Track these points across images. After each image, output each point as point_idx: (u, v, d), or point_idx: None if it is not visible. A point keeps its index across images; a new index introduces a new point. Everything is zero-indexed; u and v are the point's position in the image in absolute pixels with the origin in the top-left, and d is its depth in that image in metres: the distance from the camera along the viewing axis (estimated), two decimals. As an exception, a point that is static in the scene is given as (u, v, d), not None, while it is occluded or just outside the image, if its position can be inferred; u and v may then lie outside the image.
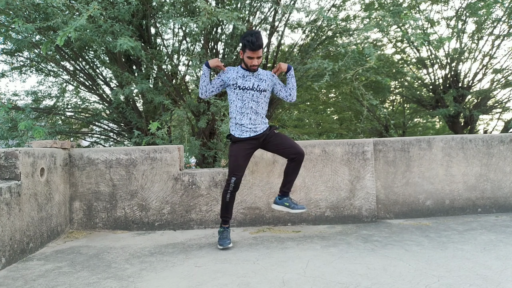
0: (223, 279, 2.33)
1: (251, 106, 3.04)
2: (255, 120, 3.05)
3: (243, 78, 3.06)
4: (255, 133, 3.05)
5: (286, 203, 3.17)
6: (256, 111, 3.05)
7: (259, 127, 3.07)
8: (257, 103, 3.06)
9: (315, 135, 11.77)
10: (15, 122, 5.49)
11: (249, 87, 3.04)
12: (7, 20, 5.11)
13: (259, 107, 3.07)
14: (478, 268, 2.40)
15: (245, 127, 3.05)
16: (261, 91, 3.07)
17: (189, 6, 5.27)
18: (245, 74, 3.07)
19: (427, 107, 10.13)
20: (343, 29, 6.77)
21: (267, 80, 3.11)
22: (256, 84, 3.06)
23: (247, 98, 3.04)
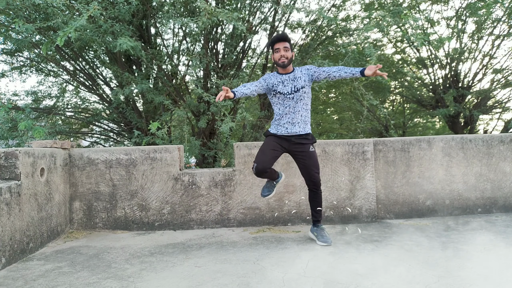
0: (223, 279, 2.33)
1: (289, 105, 3.08)
2: (293, 119, 3.07)
3: (283, 84, 3.09)
4: (287, 132, 3.07)
5: (314, 232, 3.18)
6: (294, 111, 3.07)
7: (296, 126, 3.07)
8: (295, 102, 3.07)
9: (315, 135, 11.77)
10: (15, 122, 5.49)
11: (288, 91, 3.07)
12: (7, 20, 5.11)
13: (297, 105, 3.07)
14: (478, 268, 2.40)
15: (281, 126, 3.10)
16: (299, 89, 3.06)
17: (189, 6, 5.27)
18: (283, 80, 3.10)
19: (427, 107, 10.13)
20: (343, 29, 6.77)
21: (302, 76, 3.09)
22: (293, 85, 3.07)
23: (287, 102, 3.08)
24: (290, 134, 3.08)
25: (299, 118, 3.09)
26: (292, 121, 3.08)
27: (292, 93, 3.06)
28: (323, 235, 3.12)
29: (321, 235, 3.12)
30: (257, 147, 3.77)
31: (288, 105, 3.09)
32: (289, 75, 3.11)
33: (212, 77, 6.11)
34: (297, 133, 3.07)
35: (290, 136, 3.08)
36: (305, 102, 3.11)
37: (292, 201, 3.78)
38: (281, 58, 3.04)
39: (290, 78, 3.09)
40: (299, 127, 3.09)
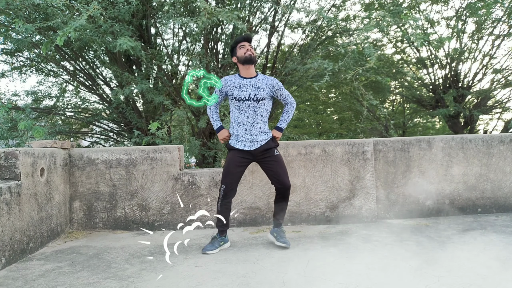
0: (223, 279, 2.33)
1: (247, 116, 2.92)
2: (251, 131, 2.92)
3: (239, 89, 2.93)
4: (249, 148, 2.92)
5: (274, 233, 3.08)
6: (252, 122, 2.92)
7: (256, 138, 2.92)
8: (254, 113, 2.92)
9: (315, 135, 11.77)
10: (15, 122, 5.49)
11: (245, 97, 2.91)
12: (7, 20, 5.11)
13: (256, 116, 2.93)
14: (478, 268, 2.40)
15: (240, 137, 2.94)
16: (259, 100, 2.91)
17: (189, 6, 5.27)
18: (242, 84, 2.94)
19: (427, 107, 10.12)
20: (343, 29, 6.77)
21: (265, 88, 2.94)
22: (253, 93, 2.91)
23: (244, 108, 2.92)
24: (251, 150, 2.92)
25: (258, 130, 2.93)
26: (251, 132, 2.92)
27: (249, 100, 2.90)
28: (283, 236, 3.02)
29: (280, 236, 3.03)
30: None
31: (244, 111, 2.92)
32: (251, 80, 2.95)
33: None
34: (258, 147, 2.92)
35: (251, 151, 2.93)
36: (263, 114, 2.96)
37: (292, 201, 3.78)
38: (247, 51, 2.90)
39: (251, 84, 2.93)
40: (259, 138, 2.94)
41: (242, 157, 2.94)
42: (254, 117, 2.93)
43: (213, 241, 2.98)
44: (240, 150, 2.94)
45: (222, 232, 3.01)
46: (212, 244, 2.94)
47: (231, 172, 2.91)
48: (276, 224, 3.11)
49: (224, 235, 3.02)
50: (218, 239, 2.99)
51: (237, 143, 2.96)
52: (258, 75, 3.01)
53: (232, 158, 2.94)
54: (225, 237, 3.03)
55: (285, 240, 2.99)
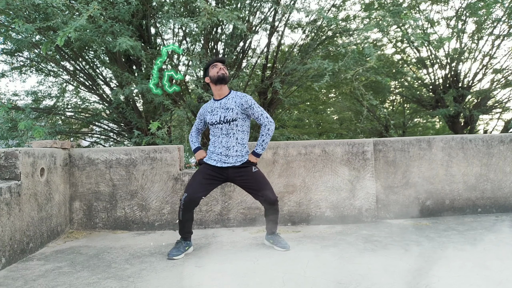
0: (223, 279, 2.33)
1: (221, 141, 2.87)
2: (226, 155, 2.85)
3: (211, 113, 2.91)
4: (221, 164, 2.85)
5: (270, 240, 3.02)
6: (227, 146, 2.85)
7: (230, 159, 2.85)
8: (227, 135, 2.85)
9: (315, 135, 11.77)
10: (15, 122, 5.49)
11: (216, 121, 2.87)
12: (7, 20, 5.11)
13: (230, 139, 2.85)
14: (478, 268, 2.40)
15: (213, 158, 2.89)
16: (230, 122, 2.84)
17: (189, 6, 5.27)
18: (213, 108, 2.91)
19: (427, 107, 10.12)
20: (343, 29, 6.77)
21: (235, 108, 2.85)
22: (223, 115, 2.85)
23: (217, 133, 2.88)
24: (223, 166, 2.85)
25: (233, 153, 2.85)
26: (226, 153, 2.85)
27: (220, 123, 2.85)
28: (280, 241, 2.96)
29: (278, 241, 2.97)
30: (257, 147, 3.77)
31: (217, 136, 2.88)
32: (221, 101, 2.90)
33: None
34: (230, 165, 2.85)
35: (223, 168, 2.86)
36: (239, 136, 2.87)
37: (292, 201, 3.78)
38: (219, 70, 2.86)
39: (221, 106, 2.88)
40: (235, 160, 2.86)
41: (212, 171, 2.86)
42: (228, 140, 2.86)
43: (178, 246, 2.88)
44: (211, 165, 2.87)
45: (186, 238, 2.92)
46: (177, 249, 2.84)
47: (196, 182, 2.82)
48: (270, 233, 3.06)
49: (188, 240, 2.93)
50: (183, 244, 2.89)
51: (209, 160, 2.90)
52: (230, 93, 2.94)
53: (201, 170, 2.89)
54: (189, 241, 2.94)
55: (283, 244, 2.94)
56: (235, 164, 2.86)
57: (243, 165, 2.87)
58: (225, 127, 2.85)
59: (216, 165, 2.86)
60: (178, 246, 2.88)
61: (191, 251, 2.94)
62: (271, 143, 3.81)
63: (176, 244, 2.91)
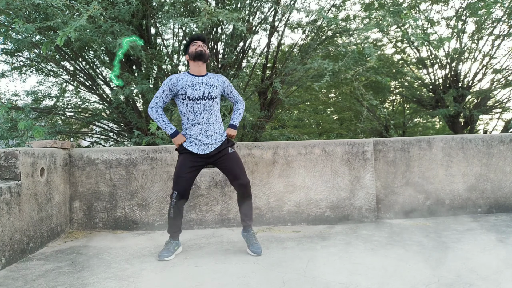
0: (223, 279, 2.33)
1: (202, 116, 2.78)
2: (206, 131, 2.78)
3: (192, 87, 2.77)
4: (203, 151, 2.78)
5: (245, 238, 2.93)
6: (208, 122, 2.79)
7: (210, 139, 2.79)
8: (209, 112, 2.79)
9: (315, 135, 11.77)
10: (15, 122, 5.49)
11: (199, 96, 2.76)
12: (7, 20, 5.11)
13: (211, 116, 2.80)
14: (478, 268, 2.40)
15: (193, 138, 2.79)
16: (213, 99, 2.80)
17: (189, 6, 5.27)
18: (194, 82, 2.79)
19: (427, 107, 10.12)
20: (343, 29, 6.77)
21: (218, 86, 2.85)
22: (207, 91, 2.78)
23: (199, 109, 2.77)
24: (205, 154, 2.78)
25: (213, 131, 2.80)
26: (206, 133, 2.78)
27: (204, 99, 2.76)
28: (253, 243, 2.85)
29: (250, 242, 2.86)
30: (257, 147, 3.77)
31: (198, 113, 2.77)
32: (202, 78, 2.83)
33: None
34: (212, 150, 2.79)
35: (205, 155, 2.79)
36: (217, 114, 2.86)
37: (292, 201, 3.78)
38: (198, 47, 2.78)
39: (204, 82, 2.81)
40: (214, 140, 2.80)
41: (194, 161, 2.79)
42: (209, 116, 2.80)
43: (168, 247, 2.84)
44: (193, 154, 2.79)
45: (175, 237, 2.90)
46: (168, 250, 2.80)
47: (183, 178, 2.77)
48: (244, 227, 2.93)
49: (177, 239, 2.91)
50: (172, 244, 2.86)
51: (190, 145, 2.80)
52: (208, 74, 2.90)
53: (183, 163, 2.79)
54: (178, 240, 2.92)
55: (256, 247, 2.81)
56: (216, 146, 2.80)
57: (222, 146, 2.84)
58: (208, 103, 2.77)
59: (198, 152, 2.78)
60: (168, 247, 2.84)
61: (180, 251, 2.93)
62: (271, 143, 3.81)
63: (166, 244, 2.87)
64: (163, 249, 2.83)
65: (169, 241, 2.89)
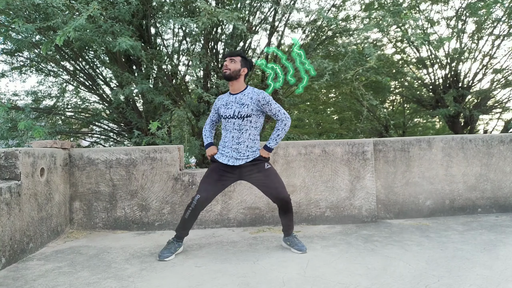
0: (223, 279, 2.33)
1: (232, 136, 2.80)
2: (237, 150, 2.78)
3: (225, 106, 2.84)
4: (233, 163, 2.78)
5: (287, 242, 2.95)
6: (238, 141, 2.78)
7: (242, 156, 2.78)
8: (239, 131, 2.78)
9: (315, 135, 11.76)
10: (15, 122, 5.49)
11: (230, 115, 2.80)
12: (7, 20, 5.11)
13: (242, 136, 2.78)
14: (478, 268, 2.40)
15: (224, 155, 2.83)
16: (243, 118, 2.76)
17: (189, 6, 5.27)
18: (228, 101, 2.85)
19: (427, 107, 10.12)
20: (343, 29, 6.77)
21: (250, 104, 2.77)
22: (237, 110, 2.78)
23: (230, 127, 2.81)
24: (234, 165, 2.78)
25: (244, 149, 2.79)
26: (237, 151, 2.78)
27: (234, 118, 2.78)
28: (297, 243, 2.90)
29: (294, 243, 2.91)
30: (257, 147, 3.77)
31: (229, 131, 2.80)
32: (236, 96, 2.83)
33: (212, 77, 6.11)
34: (242, 163, 2.78)
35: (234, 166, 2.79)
36: (252, 132, 2.81)
37: (292, 201, 3.78)
38: (224, 68, 2.80)
39: (236, 100, 2.81)
40: (245, 155, 2.79)
41: (224, 171, 2.81)
42: (239, 136, 2.79)
43: (169, 246, 2.84)
44: (223, 164, 2.81)
45: (180, 238, 2.89)
46: (168, 250, 2.81)
47: (209, 183, 2.79)
48: (286, 234, 2.99)
49: (181, 241, 2.90)
50: (175, 245, 2.86)
51: (221, 157, 2.84)
52: (246, 89, 2.86)
53: (213, 169, 2.83)
54: (182, 242, 2.91)
55: (300, 246, 2.87)
56: (247, 160, 2.78)
57: (255, 161, 2.80)
58: (237, 122, 2.78)
59: (228, 163, 2.79)
60: (169, 247, 2.84)
61: (180, 251, 2.92)
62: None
63: (168, 244, 2.87)
64: (164, 249, 2.83)
65: (172, 241, 2.88)
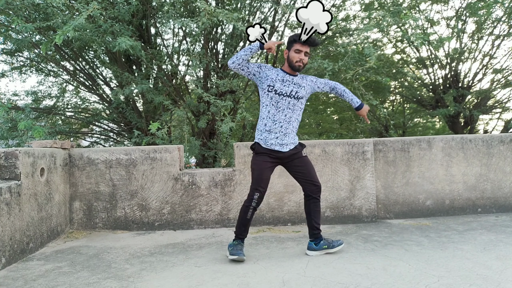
0: (223, 279, 2.33)
1: (285, 114, 2.75)
2: (286, 129, 2.75)
3: (282, 82, 2.75)
4: (280, 147, 2.74)
5: (324, 246, 2.81)
6: (289, 120, 2.76)
7: (287, 139, 2.76)
8: (292, 111, 2.77)
9: (315, 135, 11.76)
10: (15, 122, 5.49)
11: (286, 93, 2.74)
12: (7, 20, 5.11)
13: (293, 115, 2.78)
14: (478, 268, 2.40)
15: (273, 134, 2.74)
16: (299, 98, 2.78)
17: (189, 6, 5.27)
18: (285, 78, 2.77)
19: (427, 107, 10.12)
20: (343, 29, 6.77)
21: (307, 86, 2.83)
22: (295, 90, 2.76)
23: (282, 105, 2.74)
24: (283, 151, 2.75)
25: (291, 129, 2.78)
26: (286, 131, 2.75)
27: (290, 97, 2.75)
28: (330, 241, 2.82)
29: (330, 241, 2.83)
30: (257, 147, 3.76)
31: (282, 109, 2.75)
32: (293, 77, 2.80)
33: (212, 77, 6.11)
34: (289, 150, 2.77)
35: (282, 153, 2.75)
36: (299, 114, 2.84)
37: (292, 201, 3.78)
38: (298, 61, 2.74)
39: (294, 81, 2.78)
40: (292, 139, 2.79)
41: (271, 160, 2.77)
42: (291, 115, 2.77)
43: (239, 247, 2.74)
44: (271, 151, 2.75)
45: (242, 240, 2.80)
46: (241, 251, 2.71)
47: (264, 179, 2.73)
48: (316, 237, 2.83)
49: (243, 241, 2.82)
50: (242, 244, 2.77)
51: (267, 142, 2.75)
52: (298, 75, 2.86)
53: (263, 163, 2.75)
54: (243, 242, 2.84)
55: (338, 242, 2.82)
56: (291, 148, 2.77)
57: (296, 150, 2.80)
58: (292, 101, 2.76)
59: (275, 148, 2.74)
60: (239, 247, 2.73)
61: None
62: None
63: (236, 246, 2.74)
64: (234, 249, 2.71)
65: (239, 243, 2.76)
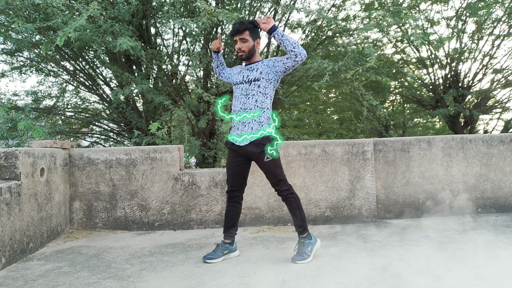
0: (223, 279, 2.33)
1: (240, 101, 2.66)
2: (243, 118, 2.63)
3: (238, 74, 2.78)
4: (239, 140, 2.64)
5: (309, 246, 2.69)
6: (244, 107, 2.62)
7: (245, 128, 2.62)
8: (246, 97, 2.64)
9: (315, 135, 11.75)
10: (15, 122, 5.49)
11: (238, 80, 2.72)
12: (7, 20, 5.11)
13: (248, 101, 2.62)
14: (478, 268, 2.40)
15: (235, 127, 2.69)
16: (251, 82, 2.64)
17: (189, 6, 5.27)
18: (241, 70, 2.78)
19: (427, 107, 10.12)
20: (343, 29, 6.77)
21: (260, 67, 2.66)
22: (246, 75, 2.69)
23: (237, 93, 2.70)
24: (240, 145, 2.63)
25: (250, 118, 2.61)
26: (244, 120, 2.62)
27: (242, 83, 2.66)
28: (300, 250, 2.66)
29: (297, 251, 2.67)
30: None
31: (237, 98, 2.67)
32: (251, 65, 2.72)
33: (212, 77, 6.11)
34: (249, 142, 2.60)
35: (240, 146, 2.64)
36: (259, 98, 2.62)
37: (292, 201, 3.78)
38: (238, 51, 2.67)
39: (247, 68, 2.73)
40: (251, 129, 2.60)
41: (234, 156, 2.71)
42: (245, 101, 2.63)
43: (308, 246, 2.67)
44: (233, 148, 2.70)
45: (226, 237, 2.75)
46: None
47: (229, 174, 2.78)
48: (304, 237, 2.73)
49: (229, 241, 2.75)
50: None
51: (229, 136, 2.74)
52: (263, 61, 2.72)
53: (229, 157, 2.77)
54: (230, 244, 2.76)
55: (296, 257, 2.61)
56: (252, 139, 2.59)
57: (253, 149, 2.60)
58: (245, 87, 2.66)
59: (235, 142, 2.67)
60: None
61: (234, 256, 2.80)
62: (271, 143, 3.80)
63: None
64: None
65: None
